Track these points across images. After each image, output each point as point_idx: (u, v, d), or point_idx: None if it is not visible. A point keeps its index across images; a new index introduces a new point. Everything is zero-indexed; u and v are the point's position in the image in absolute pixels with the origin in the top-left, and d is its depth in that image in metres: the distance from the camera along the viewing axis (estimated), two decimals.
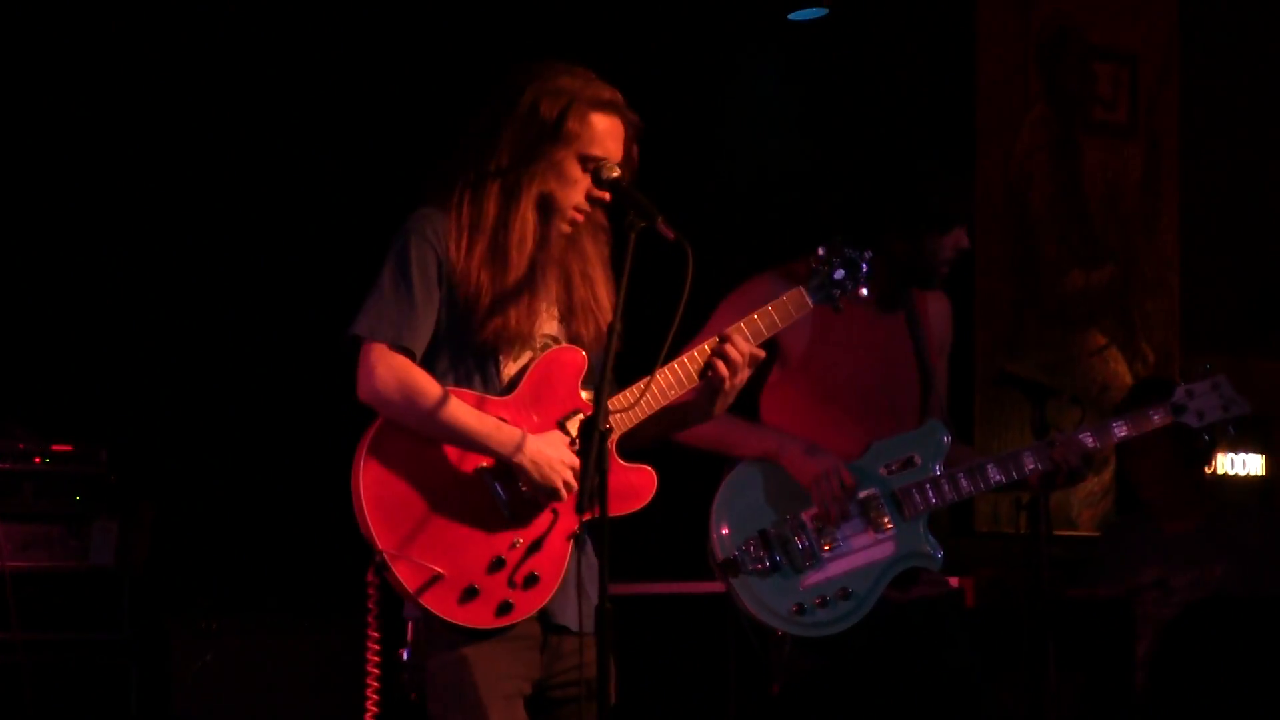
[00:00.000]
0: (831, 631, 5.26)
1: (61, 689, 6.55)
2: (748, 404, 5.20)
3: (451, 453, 4.35)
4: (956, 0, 8.61)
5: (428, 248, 4.38)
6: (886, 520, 5.33)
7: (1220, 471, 7.37)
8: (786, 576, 5.25)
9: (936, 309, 5.65)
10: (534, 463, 4.31)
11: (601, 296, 4.50)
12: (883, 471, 5.37)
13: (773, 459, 5.33)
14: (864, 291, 4.66)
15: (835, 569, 5.28)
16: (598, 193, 4.43)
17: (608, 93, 4.46)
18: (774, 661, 5.35)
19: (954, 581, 6.34)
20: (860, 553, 5.31)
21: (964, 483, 5.38)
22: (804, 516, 5.29)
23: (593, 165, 4.41)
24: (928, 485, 5.36)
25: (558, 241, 4.46)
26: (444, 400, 4.30)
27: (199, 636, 6.70)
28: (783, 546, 5.26)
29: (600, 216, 4.51)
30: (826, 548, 5.28)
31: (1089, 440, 5.44)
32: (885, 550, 5.32)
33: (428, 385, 4.31)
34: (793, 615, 5.23)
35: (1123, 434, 5.49)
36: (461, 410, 4.32)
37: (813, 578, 5.27)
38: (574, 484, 4.31)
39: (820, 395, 5.42)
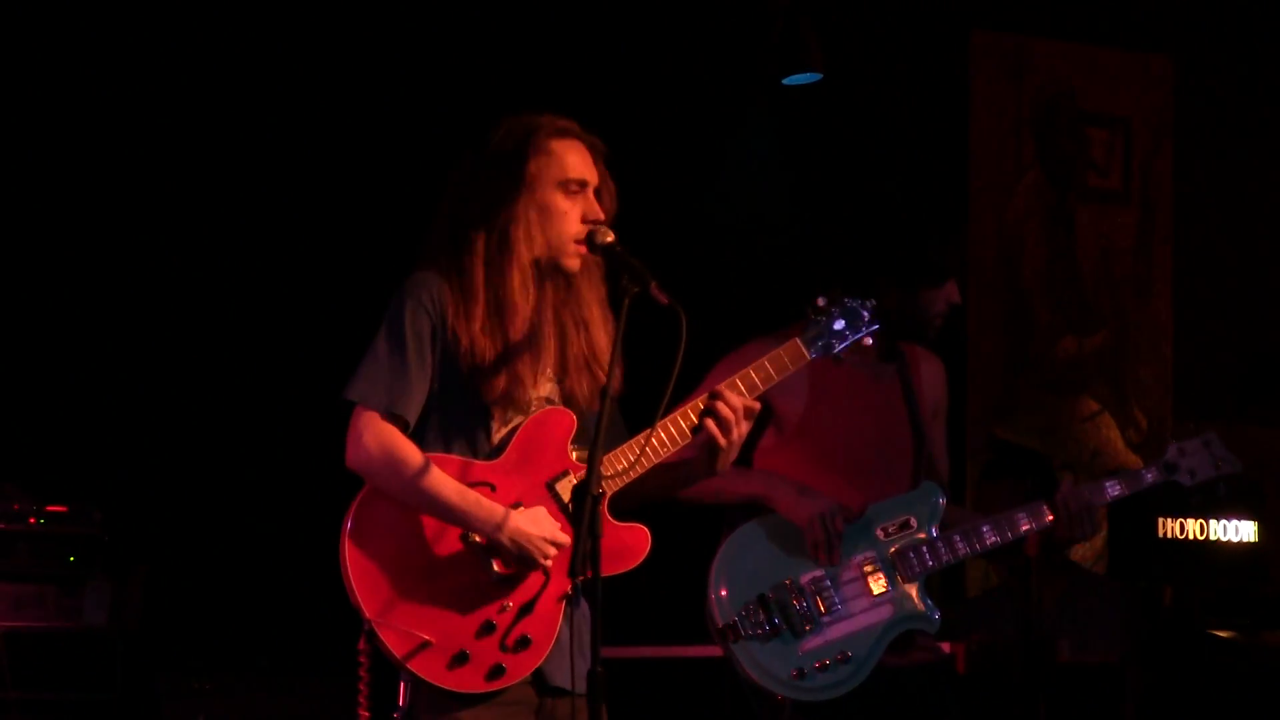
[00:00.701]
0: (831, 695, 5.25)
1: None
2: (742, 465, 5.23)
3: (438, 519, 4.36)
4: (950, 66, 8.66)
5: (423, 313, 4.37)
6: (884, 583, 5.32)
7: (1212, 538, 7.35)
8: (786, 641, 5.24)
9: (930, 370, 5.66)
10: (512, 540, 4.28)
11: (600, 345, 4.46)
12: (879, 534, 5.37)
13: (763, 502, 5.33)
14: (869, 341, 4.63)
15: (834, 633, 5.27)
16: (590, 220, 4.42)
17: (563, 122, 4.47)
18: None
19: (946, 647, 6.34)
20: (858, 616, 5.30)
21: (960, 545, 5.37)
22: (803, 580, 5.28)
23: (574, 189, 4.42)
24: (924, 548, 5.35)
25: (555, 292, 4.47)
26: (428, 473, 4.28)
27: (191, 697, 6.68)
28: (781, 611, 5.24)
29: (590, 259, 4.46)
30: (825, 612, 5.27)
31: (1085, 496, 5.45)
32: (883, 613, 5.31)
33: (413, 457, 4.29)
34: (792, 680, 5.22)
35: (1115, 494, 5.49)
36: (444, 485, 4.30)
37: (812, 642, 5.25)
38: (555, 551, 4.31)
39: (816, 459, 5.41)
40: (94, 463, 7.15)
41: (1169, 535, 7.30)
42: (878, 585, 5.31)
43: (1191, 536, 7.31)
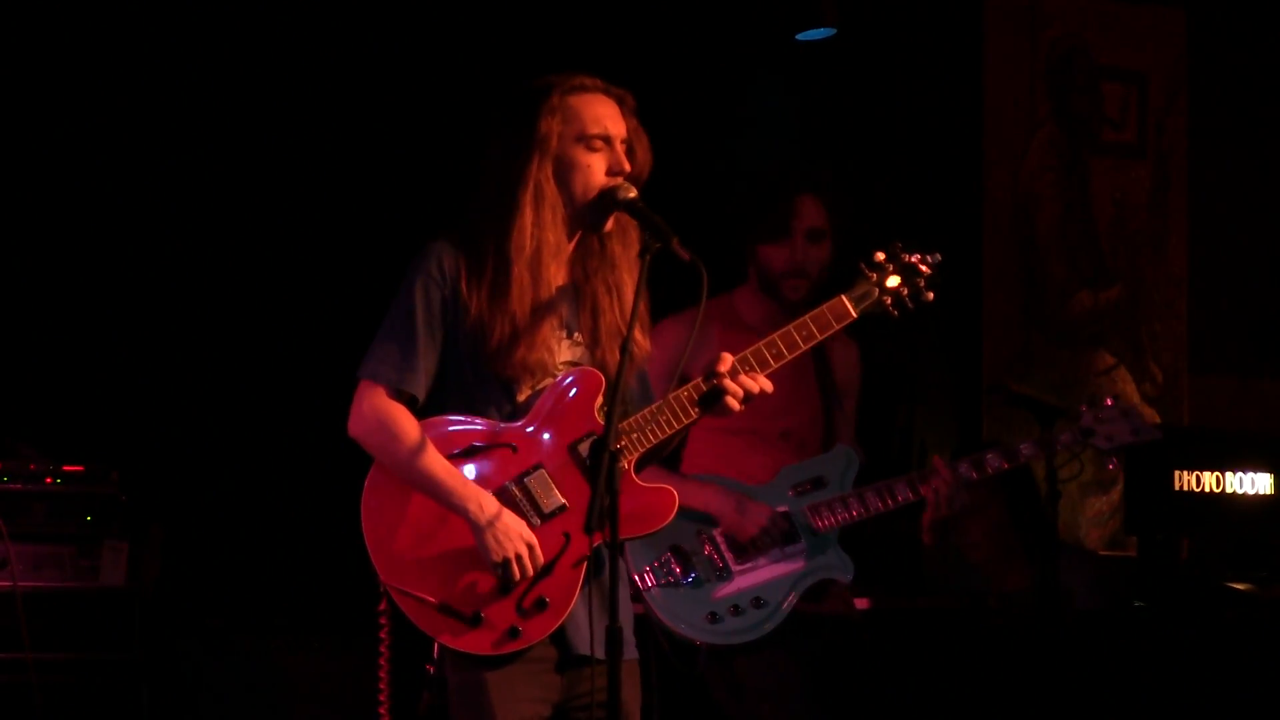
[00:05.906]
0: (744, 639, 5.36)
1: (72, 709, 6.54)
2: None
3: None
4: (964, 21, 8.63)
5: (434, 286, 4.36)
6: (797, 536, 5.41)
7: (1229, 490, 7.35)
8: (698, 587, 5.34)
9: (843, 353, 5.71)
10: (489, 525, 4.26)
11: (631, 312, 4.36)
12: (791, 493, 5.46)
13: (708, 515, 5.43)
14: (931, 296, 4.58)
15: (746, 581, 5.38)
16: (615, 171, 4.38)
17: (583, 79, 4.43)
18: (689, 672, 5.40)
19: (862, 604, 6.38)
20: (771, 566, 5.40)
21: (872, 499, 5.46)
22: (715, 532, 5.39)
23: (598, 144, 4.39)
24: (836, 503, 5.44)
25: (589, 257, 4.45)
26: (419, 450, 4.27)
27: (209, 656, 6.71)
28: (695, 560, 5.33)
29: (625, 218, 4.42)
30: (737, 562, 5.36)
31: (1001, 464, 5.50)
32: (796, 564, 5.44)
33: (407, 434, 4.28)
34: (705, 624, 5.32)
35: (1029, 454, 5.53)
36: (433, 462, 4.28)
37: (724, 589, 5.37)
38: (525, 559, 4.26)
39: (728, 425, 5.39)
40: (111, 422, 7.16)
41: (1185, 488, 7.30)
42: (790, 538, 5.39)
43: (1208, 489, 7.32)
